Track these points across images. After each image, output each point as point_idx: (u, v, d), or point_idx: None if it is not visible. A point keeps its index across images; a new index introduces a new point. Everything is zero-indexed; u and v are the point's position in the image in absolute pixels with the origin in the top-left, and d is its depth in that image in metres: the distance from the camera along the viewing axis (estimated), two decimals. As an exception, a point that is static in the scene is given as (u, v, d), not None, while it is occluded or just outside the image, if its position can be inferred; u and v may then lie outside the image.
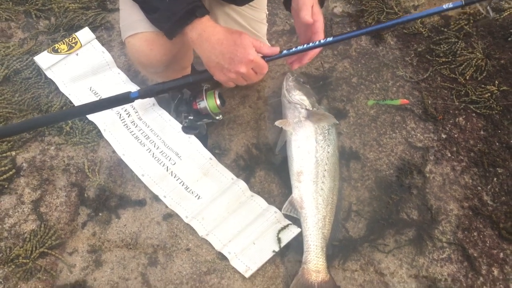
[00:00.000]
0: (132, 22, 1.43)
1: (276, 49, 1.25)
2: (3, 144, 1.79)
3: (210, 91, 1.68)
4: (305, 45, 1.27)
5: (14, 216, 1.67)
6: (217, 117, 1.74)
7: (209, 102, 1.66)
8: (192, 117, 1.71)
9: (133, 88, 1.96)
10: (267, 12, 1.88)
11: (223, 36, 1.21)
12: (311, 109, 1.79)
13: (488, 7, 1.37)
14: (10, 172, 1.72)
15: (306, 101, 1.81)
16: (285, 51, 1.29)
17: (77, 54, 2.01)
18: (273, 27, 2.23)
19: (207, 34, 1.22)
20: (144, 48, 1.44)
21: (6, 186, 1.71)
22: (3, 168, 1.73)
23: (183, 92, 1.69)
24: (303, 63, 1.35)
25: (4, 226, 1.64)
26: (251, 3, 1.73)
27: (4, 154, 1.77)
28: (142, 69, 1.60)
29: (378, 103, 1.94)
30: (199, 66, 2.06)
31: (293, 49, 1.28)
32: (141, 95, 1.28)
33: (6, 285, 1.52)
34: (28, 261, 1.56)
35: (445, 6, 1.23)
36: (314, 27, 1.27)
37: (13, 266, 1.55)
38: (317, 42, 1.26)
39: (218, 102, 1.66)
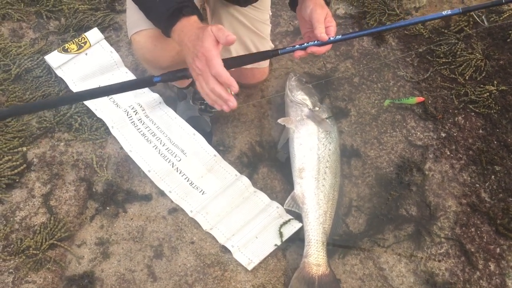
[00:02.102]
0: (137, 19, 1.47)
1: (232, 38, 1.14)
2: (15, 140, 1.85)
3: None
4: (315, 41, 1.29)
5: (25, 209, 1.72)
6: None
7: None
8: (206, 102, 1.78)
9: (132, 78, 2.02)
10: (271, 13, 1.92)
11: (193, 33, 1.18)
12: (312, 108, 1.84)
13: (483, 16, 1.41)
14: (21, 167, 1.78)
15: (308, 101, 1.86)
16: (297, 46, 1.29)
17: (86, 54, 2.07)
18: (277, 28, 2.28)
19: (183, 34, 1.20)
20: (148, 44, 1.48)
21: (17, 180, 1.77)
22: (14, 163, 1.79)
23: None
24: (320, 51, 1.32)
25: (16, 218, 1.70)
26: (254, 4, 1.77)
27: (16, 150, 1.83)
28: (147, 66, 1.64)
29: (394, 102, 1.98)
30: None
31: (305, 44, 1.30)
32: (163, 79, 1.31)
33: (17, 275, 1.58)
34: (38, 252, 1.61)
35: (444, 13, 1.28)
36: (329, 30, 1.27)
37: (24, 257, 1.60)
38: (331, 38, 1.27)
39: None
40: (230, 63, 1.34)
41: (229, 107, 1.18)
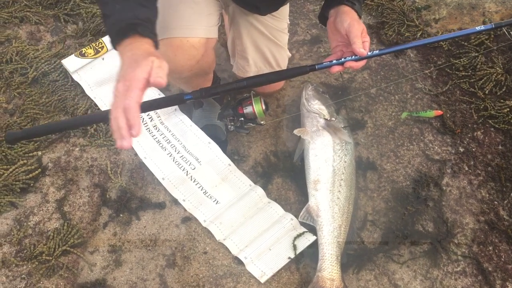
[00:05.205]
0: (158, 28, 1.47)
1: (160, 82, 1.04)
2: (30, 144, 1.85)
3: (256, 97, 1.76)
4: (352, 56, 1.29)
5: (39, 214, 1.72)
6: (262, 122, 1.83)
7: (256, 107, 1.77)
8: (242, 119, 1.80)
9: (155, 92, 2.01)
10: (289, 22, 1.91)
11: (136, 53, 1.06)
12: (329, 118, 1.82)
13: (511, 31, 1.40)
14: (36, 172, 1.78)
15: (324, 111, 1.84)
16: (334, 61, 1.29)
17: (103, 59, 2.08)
18: (294, 36, 2.26)
19: (130, 48, 1.08)
20: (169, 53, 1.48)
21: (31, 184, 1.77)
22: (29, 167, 1.79)
23: (230, 97, 1.83)
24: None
25: (29, 223, 1.70)
26: (273, 13, 1.77)
27: (31, 154, 1.84)
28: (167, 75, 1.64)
29: (411, 115, 1.95)
30: (220, 72, 2.10)
31: (343, 59, 1.29)
32: (195, 97, 1.30)
33: (29, 281, 1.58)
34: (51, 258, 1.61)
35: (478, 28, 1.27)
36: (365, 45, 1.27)
37: (37, 263, 1.60)
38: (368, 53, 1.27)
39: (264, 107, 1.75)
40: (270, 78, 1.34)
41: (121, 145, 1.01)
